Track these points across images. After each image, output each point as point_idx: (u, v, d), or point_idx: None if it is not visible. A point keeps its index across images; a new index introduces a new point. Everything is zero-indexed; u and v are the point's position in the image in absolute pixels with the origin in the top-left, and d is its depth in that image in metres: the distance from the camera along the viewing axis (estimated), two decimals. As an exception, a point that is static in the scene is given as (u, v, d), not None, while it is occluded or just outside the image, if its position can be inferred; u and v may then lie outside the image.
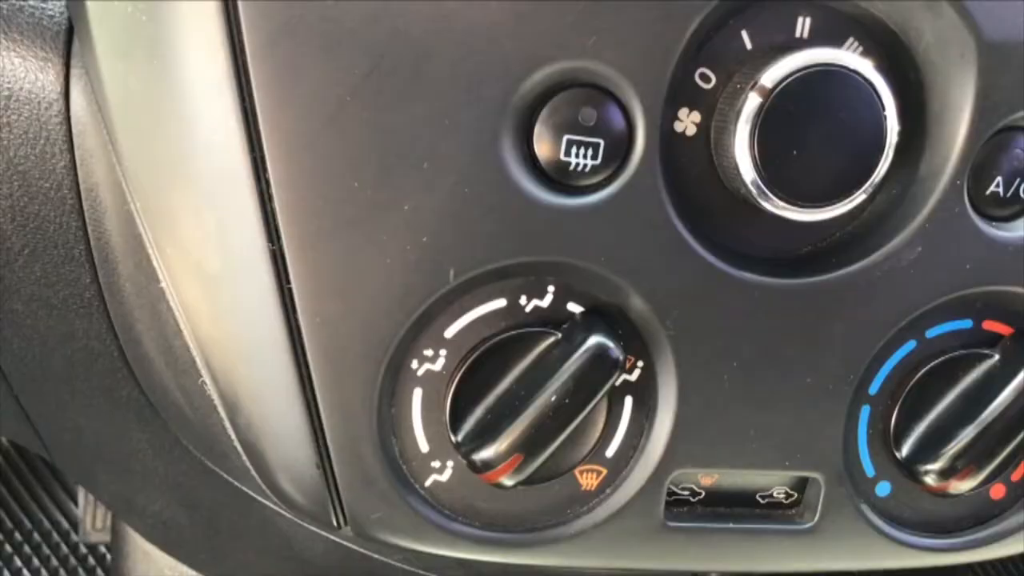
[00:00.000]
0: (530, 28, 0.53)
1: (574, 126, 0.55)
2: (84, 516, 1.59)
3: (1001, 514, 0.69)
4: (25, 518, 1.62)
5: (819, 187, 0.57)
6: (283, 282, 0.55)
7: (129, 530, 1.22)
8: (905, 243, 0.60)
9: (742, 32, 0.58)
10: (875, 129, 0.56)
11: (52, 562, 1.62)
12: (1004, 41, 0.57)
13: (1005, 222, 0.62)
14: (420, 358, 0.59)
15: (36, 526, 1.63)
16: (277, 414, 0.58)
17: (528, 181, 0.55)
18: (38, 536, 1.63)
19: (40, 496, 1.64)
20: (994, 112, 0.58)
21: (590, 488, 0.63)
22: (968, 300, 0.63)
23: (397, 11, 0.52)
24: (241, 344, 0.57)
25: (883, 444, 0.65)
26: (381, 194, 0.54)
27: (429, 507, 0.61)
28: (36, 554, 1.62)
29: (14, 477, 1.63)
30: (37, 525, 1.63)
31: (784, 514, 0.66)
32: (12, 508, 1.63)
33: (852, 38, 0.59)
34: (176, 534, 1.08)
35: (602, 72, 0.54)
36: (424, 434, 0.60)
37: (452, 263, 0.55)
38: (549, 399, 0.57)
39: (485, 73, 0.53)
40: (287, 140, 0.52)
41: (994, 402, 0.63)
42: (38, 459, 1.56)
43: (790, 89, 0.55)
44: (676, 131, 0.59)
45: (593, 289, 0.59)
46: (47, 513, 1.64)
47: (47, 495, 1.63)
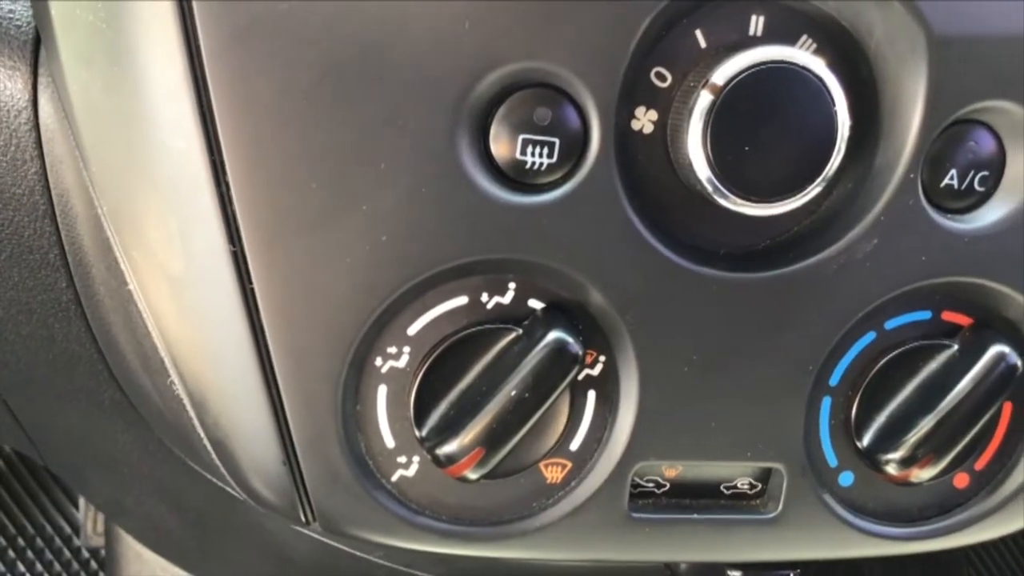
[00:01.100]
0: (483, 30, 0.54)
1: (529, 125, 0.56)
2: (85, 520, 1.60)
3: (965, 503, 0.70)
4: (27, 523, 1.64)
5: (773, 182, 0.58)
6: (245, 283, 0.56)
7: (121, 532, 1.23)
8: (861, 236, 0.61)
9: (696, 31, 0.59)
10: (826, 124, 0.57)
11: (55, 567, 1.63)
12: (954, 35, 0.58)
13: (960, 214, 0.63)
14: (384, 355, 0.60)
15: (39, 531, 1.64)
16: (243, 412, 0.59)
17: (485, 180, 0.56)
18: (41, 541, 1.64)
19: (42, 500, 1.65)
20: (946, 106, 0.59)
21: (555, 481, 0.64)
22: (926, 291, 0.64)
23: (351, 14, 0.53)
24: (206, 344, 0.58)
25: (845, 434, 0.66)
26: (339, 195, 0.55)
27: (396, 502, 0.62)
28: (39, 559, 1.63)
29: (16, 482, 1.64)
30: (39, 530, 1.64)
31: (748, 504, 0.67)
32: (14, 513, 1.64)
33: (806, 35, 0.60)
34: (166, 535, 1.09)
35: (556, 72, 0.55)
36: (390, 430, 0.61)
37: (411, 262, 0.57)
38: (509, 394, 0.58)
39: (440, 75, 0.54)
40: (245, 143, 0.53)
41: (952, 392, 0.64)
42: (40, 464, 1.57)
43: (741, 86, 0.56)
44: (633, 129, 0.59)
45: (553, 285, 0.60)
46: (49, 517, 1.65)
47: (49, 499, 1.65)
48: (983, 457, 0.69)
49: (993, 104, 0.60)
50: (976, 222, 0.62)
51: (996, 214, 0.62)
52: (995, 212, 0.62)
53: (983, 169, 0.62)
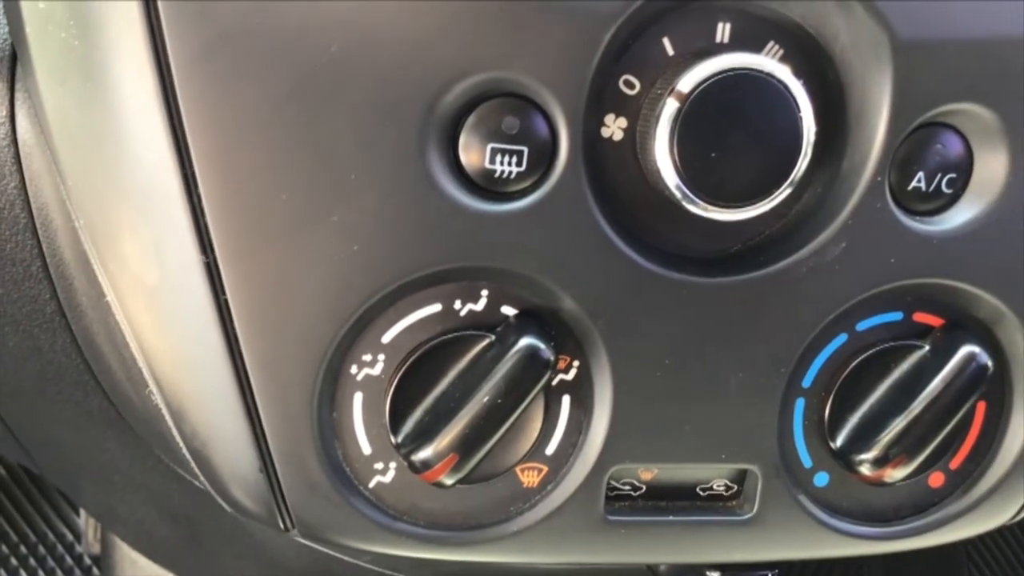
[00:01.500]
0: (449, 42, 0.55)
1: (498, 135, 0.57)
2: (86, 527, 1.61)
3: (940, 502, 0.71)
4: (29, 530, 1.65)
5: (740, 187, 0.59)
6: (219, 293, 0.56)
7: (117, 539, 1.24)
8: (830, 239, 0.62)
9: (663, 39, 0.60)
10: (792, 129, 0.58)
11: (57, 574, 1.64)
12: (918, 39, 0.58)
13: (929, 216, 0.63)
14: (359, 363, 0.61)
15: (40, 538, 1.65)
16: (219, 421, 0.60)
17: (455, 189, 0.57)
18: (43, 548, 1.65)
19: (44, 508, 1.66)
20: (912, 109, 0.60)
21: (532, 485, 0.65)
22: (897, 293, 0.64)
23: (318, 28, 0.54)
24: (182, 354, 0.59)
25: (819, 435, 0.67)
26: (310, 206, 0.56)
27: (373, 508, 0.63)
28: (41, 566, 1.64)
29: (18, 489, 1.65)
30: (41, 537, 1.65)
31: (724, 506, 0.68)
32: (16, 520, 1.65)
33: (772, 41, 0.60)
34: (160, 542, 1.10)
35: (523, 82, 0.56)
36: (366, 437, 0.62)
37: (383, 271, 0.57)
38: (482, 400, 0.59)
39: (407, 87, 0.55)
40: (215, 156, 0.54)
41: (924, 392, 0.64)
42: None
43: (707, 93, 0.57)
44: (603, 136, 0.60)
45: (525, 292, 0.61)
46: (51, 525, 1.66)
47: (51, 507, 1.65)
48: (958, 456, 0.70)
49: (959, 107, 0.61)
50: (945, 224, 0.63)
51: (965, 216, 0.63)
52: (964, 214, 0.63)
53: (951, 171, 0.62)
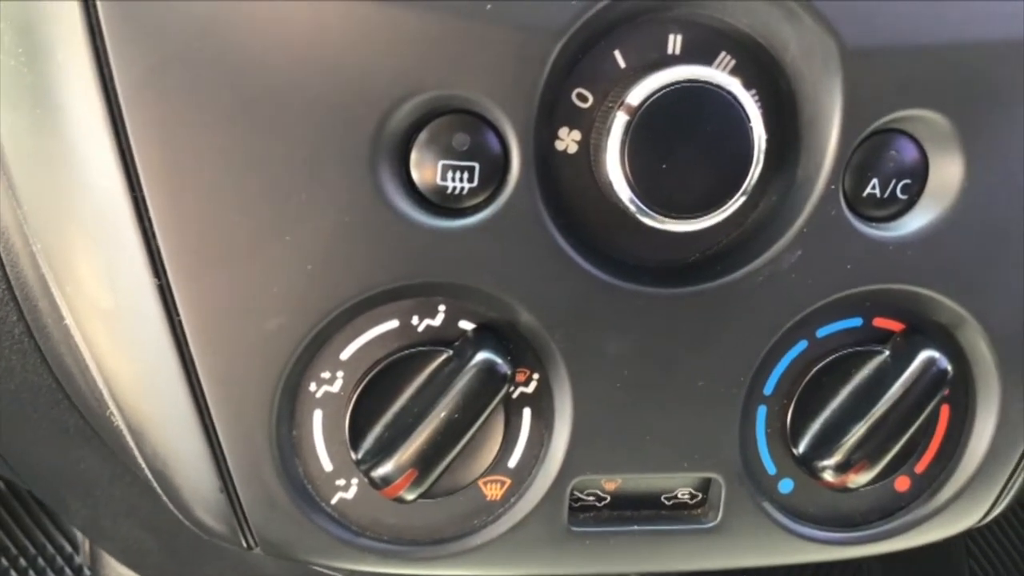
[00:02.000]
0: (396, 60, 0.55)
1: (449, 151, 0.57)
2: (83, 539, 1.62)
3: (907, 506, 0.71)
4: (28, 543, 1.65)
5: (693, 199, 0.59)
6: (172, 315, 0.57)
7: (104, 553, 1.25)
8: (785, 247, 0.62)
9: (615, 52, 0.60)
10: (742, 140, 0.58)
11: (56, 586, 1.64)
12: (867, 47, 0.59)
13: (885, 222, 0.63)
14: (318, 380, 0.61)
15: (40, 550, 1.66)
16: (178, 442, 0.60)
17: (408, 206, 0.57)
18: (42, 560, 1.65)
19: (42, 520, 1.66)
20: (863, 116, 0.60)
21: (495, 499, 0.65)
22: (855, 299, 0.64)
23: (264, 50, 0.54)
24: (139, 376, 0.60)
25: (782, 442, 0.67)
26: (260, 227, 0.56)
27: (336, 524, 0.63)
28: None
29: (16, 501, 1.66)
30: (40, 549, 1.66)
31: (689, 514, 0.68)
32: (15, 533, 1.66)
33: (724, 52, 0.61)
34: (144, 555, 1.11)
35: (472, 98, 0.56)
36: (327, 454, 0.62)
37: (337, 290, 0.58)
38: (440, 415, 0.59)
39: (355, 106, 0.55)
40: (164, 179, 0.55)
41: (884, 397, 0.64)
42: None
43: (656, 106, 0.57)
44: (558, 149, 0.60)
45: (482, 307, 0.61)
46: (49, 536, 1.67)
47: (49, 519, 1.66)
48: (923, 460, 0.70)
49: (912, 113, 0.61)
50: (901, 230, 0.63)
51: (920, 221, 0.63)
52: (920, 219, 0.63)
53: (905, 177, 0.62)
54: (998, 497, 0.71)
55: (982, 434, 0.69)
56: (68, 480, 1.00)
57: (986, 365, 0.67)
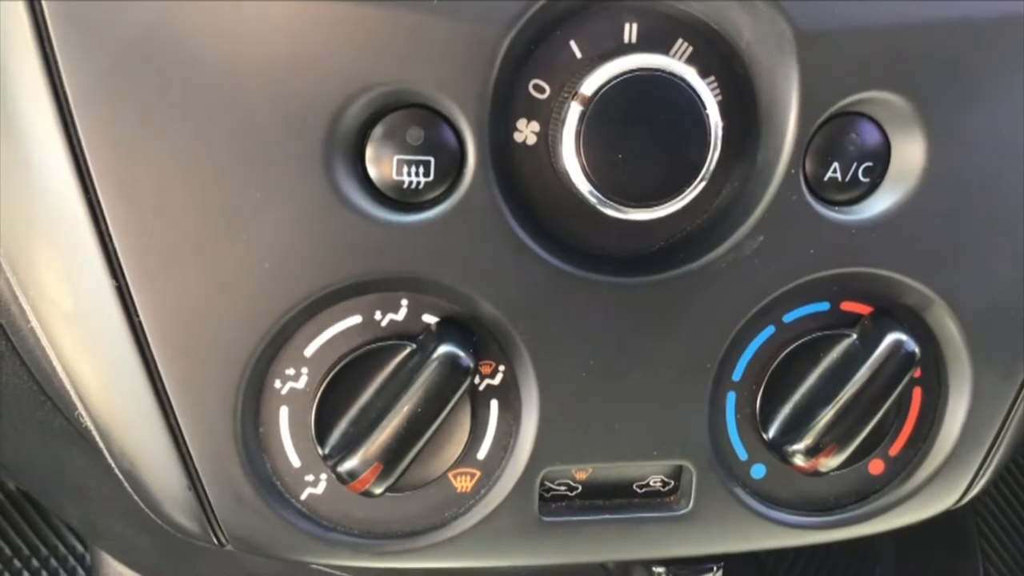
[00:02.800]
0: (347, 57, 0.55)
1: (403, 146, 0.57)
2: (90, 538, 1.63)
3: (882, 489, 0.71)
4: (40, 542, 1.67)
5: (651, 187, 0.59)
6: (132, 316, 0.57)
7: (102, 552, 1.26)
8: (747, 233, 0.62)
9: (570, 42, 0.60)
10: (698, 127, 0.58)
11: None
12: (820, 31, 0.58)
13: (848, 206, 0.63)
14: (283, 377, 0.61)
15: (52, 551, 1.67)
16: (144, 441, 0.61)
17: (365, 201, 0.58)
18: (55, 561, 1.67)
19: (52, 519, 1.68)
20: (820, 100, 0.60)
21: (465, 491, 0.65)
22: (820, 284, 0.64)
23: (213, 51, 0.54)
24: (103, 376, 0.60)
25: (752, 428, 0.67)
26: (216, 226, 0.56)
27: (306, 519, 0.63)
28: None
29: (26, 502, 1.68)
30: (53, 550, 1.67)
31: (662, 502, 0.68)
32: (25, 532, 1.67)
33: (681, 40, 0.61)
34: (140, 554, 1.11)
35: (425, 93, 0.56)
36: (294, 450, 0.63)
37: (295, 287, 0.58)
38: (403, 409, 0.60)
39: (308, 103, 0.55)
40: (118, 182, 0.55)
41: (852, 381, 0.64)
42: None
43: (610, 96, 0.57)
44: (516, 141, 0.60)
45: (444, 300, 0.61)
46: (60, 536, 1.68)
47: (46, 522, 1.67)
48: (896, 443, 0.70)
49: (871, 95, 0.61)
50: (864, 213, 0.63)
51: (884, 204, 0.63)
52: (883, 202, 0.63)
53: (867, 160, 0.62)
54: (974, 478, 0.71)
55: (955, 416, 0.69)
56: (61, 481, 1.01)
57: (956, 346, 0.67)
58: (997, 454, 0.70)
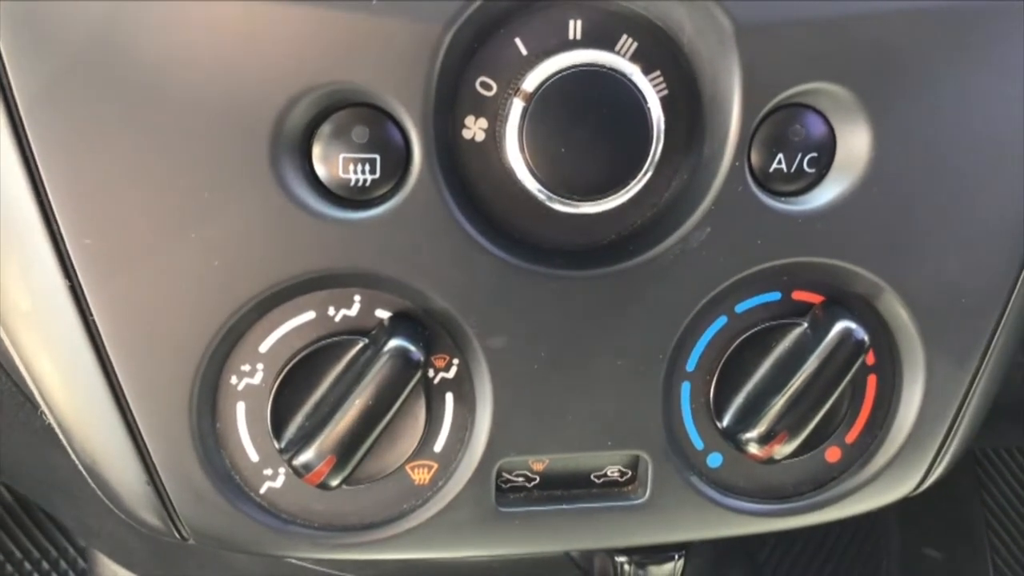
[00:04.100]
0: (288, 58, 0.56)
1: (349, 144, 0.58)
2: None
3: (839, 476, 0.71)
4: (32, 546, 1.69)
5: (595, 180, 0.60)
6: (86, 314, 0.58)
7: (96, 551, 1.27)
8: (695, 225, 0.62)
9: (516, 39, 0.61)
10: (640, 121, 0.59)
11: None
12: (759, 23, 0.59)
13: (795, 196, 0.64)
14: (239, 374, 0.62)
15: (44, 554, 1.69)
16: (103, 438, 0.62)
17: (313, 199, 0.59)
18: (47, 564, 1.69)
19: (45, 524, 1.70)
20: (762, 92, 0.61)
21: (423, 483, 0.67)
22: (770, 274, 0.65)
23: (157, 54, 0.55)
24: (61, 374, 0.61)
25: (708, 417, 0.68)
26: (166, 225, 0.57)
27: (265, 513, 0.65)
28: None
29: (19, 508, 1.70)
30: (44, 553, 1.69)
31: (619, 491, 0.69)
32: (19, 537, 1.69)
33: (625, 35, 0.61)
34: (131, 553, 1.13)
35: (369, 91, 0.58)
36: (252, 445, 0.64)
37: (245, 284, 0.59)
38: (355, 403, 0.61)
39: (251, 105, 0.56)
40: (68, 183, 0.56)
41: (802, 369, 0.65)
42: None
43: (551, 92, 0.58)
44: (465, 138, 0.61)
45: (396, 295, 0.63)
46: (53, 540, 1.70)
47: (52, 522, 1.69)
48: (853, 431, 0.71)
49: (813, 87, 0.61)
50: (811, 203, 0.64)
51: (830, 194, 0.64)
52: (829, 192, 0.64)
53: (812, 151, 0.63)
54: (931, 465, 0.71)
55: (910, 403, 0.69)
56: (51, 482, 1.03)
57: (908, 333, 0.67)
58: (954, 441, 0.71)
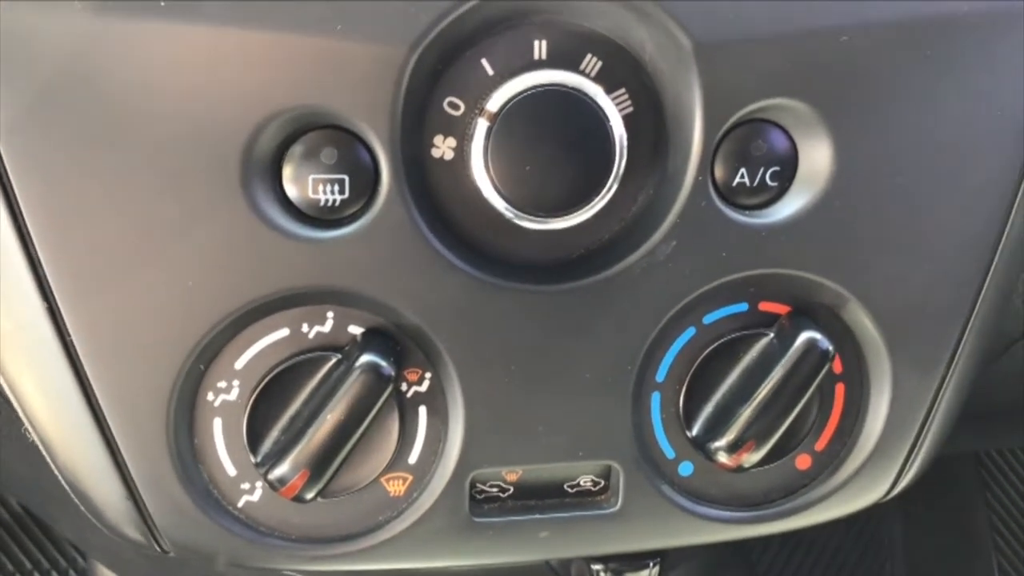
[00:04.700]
0: (256, 84, 0.58)
1: (318, 166, 0.60)
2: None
3: (810, 483, 0.73)
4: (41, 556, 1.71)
5: (559, 197, 0.61)
6: (65, 335, 0.60)
7: (98, 564, 1.29)
8: (660, 240, 0.64)
9: (482, 60, 0.62)
10: (602, 138, 0.60)
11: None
12: (718, 42, 0.61)
13: (758, 209, 0.65)
14: (215, 390, 0.64)
15: (52, 564, 1.71)
16: (84, 455, 0.63)
17: (284, 219, 0.60)
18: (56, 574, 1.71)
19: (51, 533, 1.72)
20: (723, 108, 0.62)
21: (398, 494, 0.68)
22: (737, 285, 0.66)
23: (130, 87, 0.57)
24: (42, 393, 0.63)
25: (678, 427, 0.69)
26: (139, 249, 0.59)
27: (243, 526, 0.66)
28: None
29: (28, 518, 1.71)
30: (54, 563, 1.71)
31: (592, 501, 0.71)
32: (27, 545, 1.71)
33: (590, 54, 0.63)
34: (127, 564, 1.14)
35: (335, 114, 0.59)
36: (230, 459, 0.65)
37: (219, 304, 0.60)
38: (327, 417, 0.62)
39: (221, 130, 0.58)
40: (45, 209, 0.58)
41: (768, 378, 0.66)
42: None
43: (515, 111, 0.60)
44: (434, 157, 0.63)
45: (369, 312, 0.64)
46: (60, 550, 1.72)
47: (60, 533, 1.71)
48: (822, 438, 0.72)
49: (773, 103, 0.63)
50: (774, 216, 0.65)
51: (793, 207, 0.65)
52: (792, 205, 0.65)
53: (774, 165, 0.64)
54: (900, 472, 0.72)
55: (878, 411, 0.71)
56: (46, 494, 1.04)
57: (874, 343, 0.69)
58: (922, 449, 0.72)
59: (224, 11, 0.57)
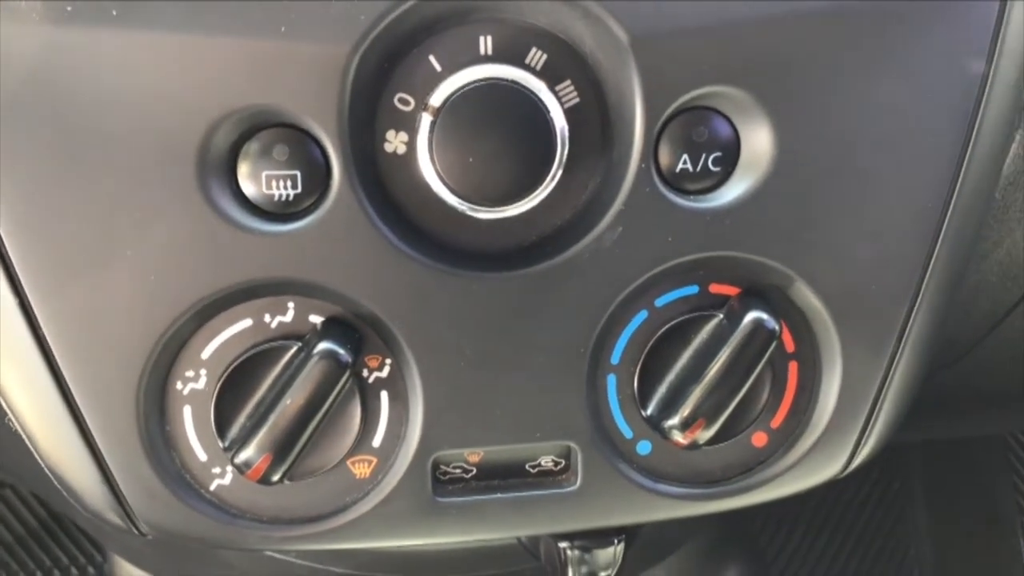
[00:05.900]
0: (207, 86, 0.61)
1: (271, 162, 0.63)
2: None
3: (766, 460, 0.75)
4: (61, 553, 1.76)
5: (503, 188, 0.64)
6: (36, 328, 0.63)
7: (114, 554, 1.33)
8: (607, 226, 0.66)
9: (430, 57, 0.65)
10: (543, 130, 0.63)
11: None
12: (651, 33, 0.63)
13: (703, 194, 0.67)
14: (183, 379, 0.67)
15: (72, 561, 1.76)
16: (60, 443, 0.67)
17: (240, 214, 0.63)
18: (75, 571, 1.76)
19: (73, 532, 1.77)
20: (661, 98, 0.64)
21: (364, 476, 0.71)
22: (686, 268, 0.68)
23: (86, 93, 0.60)
24: (19, 384, 0.66)
25: (635, 407, 0.71)
26: (103, 245, 0.62)
27: (215, 508, 0.69)
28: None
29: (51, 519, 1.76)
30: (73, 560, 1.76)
31: (553, 480, 0.73)
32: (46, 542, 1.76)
33: (535, 48, 0.65)
34: (140, 551, 1.18)
35: (284, 112, 0.62)
36: (200, 445, 0.68)
37: (180, 297, 0.64)
38: (286, 403, 0.65)
39: (175, 131, 0.61)
40: (12, 207, 0.61)
41: (716, 357, 0.68)
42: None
43: (457, 105, 0.62)
44: (387, 151, 0.66)
45: (327, 301, 0.67)
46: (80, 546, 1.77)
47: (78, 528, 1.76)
48: (778, 416, 0.74)
49: (710, 90, 0.65)
50: (718, 200, 0.67)
51: (737, 191, 0.67)
52: (736, 189, 0.67)
53: (716, 151, 0.66)
54: (855, 450, 0.74)
55: (830, 389, 0.72)
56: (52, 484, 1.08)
57: (823, 321, 0.71)
58: (875, 426, 0.74)
59: (175, 18, 0.60)
